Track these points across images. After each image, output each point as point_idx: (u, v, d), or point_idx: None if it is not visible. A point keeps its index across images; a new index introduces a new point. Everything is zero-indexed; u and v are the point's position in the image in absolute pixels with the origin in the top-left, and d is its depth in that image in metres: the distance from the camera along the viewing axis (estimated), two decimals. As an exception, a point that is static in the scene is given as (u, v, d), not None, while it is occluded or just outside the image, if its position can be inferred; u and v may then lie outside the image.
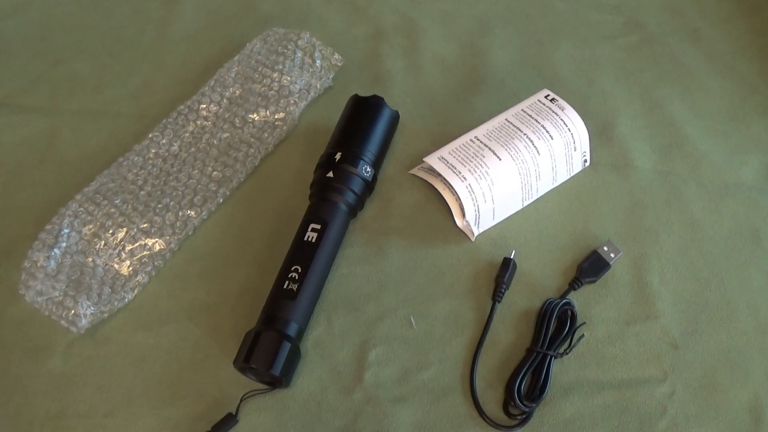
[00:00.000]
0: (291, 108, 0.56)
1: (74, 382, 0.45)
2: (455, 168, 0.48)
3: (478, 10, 0.64)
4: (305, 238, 0.46)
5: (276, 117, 0.55)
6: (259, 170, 0.54)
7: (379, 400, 0.44)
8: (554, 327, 0.45)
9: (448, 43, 0.62)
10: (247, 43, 0.59)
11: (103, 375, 0.45)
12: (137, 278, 0.48)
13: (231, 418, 0.42)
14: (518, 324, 0.46)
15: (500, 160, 0.48)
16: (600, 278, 0.47)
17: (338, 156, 0.49)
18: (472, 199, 0.48)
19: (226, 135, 0.54)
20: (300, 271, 0.45)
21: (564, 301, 0.46)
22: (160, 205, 0.51)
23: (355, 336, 0.46)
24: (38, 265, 0.48)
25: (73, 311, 0.46)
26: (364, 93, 0.54)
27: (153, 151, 0.54)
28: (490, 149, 0.49)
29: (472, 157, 0.49)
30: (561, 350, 0.45)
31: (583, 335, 0.45)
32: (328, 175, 0.48)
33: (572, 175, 0.52)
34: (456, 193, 0.48)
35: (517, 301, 0.47)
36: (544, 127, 0.50)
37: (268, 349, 0.42)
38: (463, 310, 0.47)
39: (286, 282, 0.44)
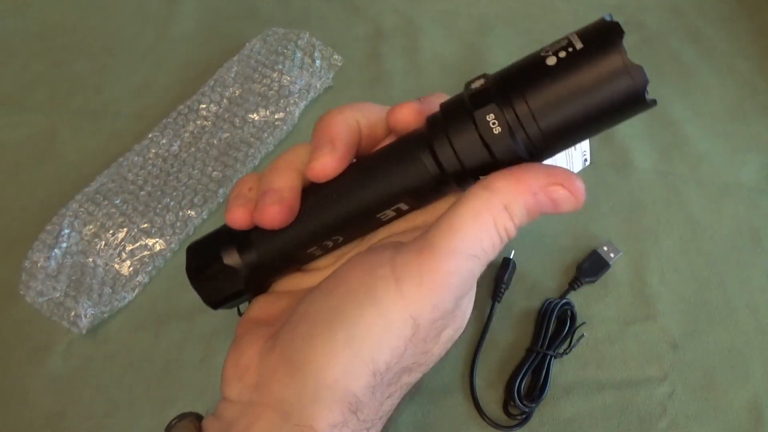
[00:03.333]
0: (291, 108, 0.56)
1: (74, 382, 0.45)
2: (455, 168, 0.48)
3: (478, 10, 0.64)
4: (378, 215, 0.30)
5: (276, 117, 0.55)
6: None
7: (379, 400, 0.44)
8: (554, 327, 0.45)
9: (448, 43, 0.62)
10: (247, 43, 0.59)
11: (103, 375, 0.45)
12: (137, 278, 0.48)
13: None
14: (518, 324, 0.46)
15: (500, 160, 0.48)
16: (600, 278, 0.48)
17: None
18: (472, 199, 0.48)
19: (226, 135, 0.54)
20: (340, 244, 0.32)
21: (564, 301, 0.46)
22: (160, 205, 0.51)
23: (355, 336, 0.46)
24: (38, 265, 0.48)
25: (73, 312, 0.46)
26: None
27: (153, 151, 0.54)
28: (490, 149, 0.49)
29: (472, 157, 0.49)
30: (561, 350, 0.45)
31: (582, 335, 0.45)
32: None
33: (572, 175, 0.52)
34: (456, 193, 0.48)
35: (517, 301, 0.47)
36: (544, 127, 0.50)
37: None
38: (463, 310, 0.47)
39: (315, 247, 0.31)
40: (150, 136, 0.54)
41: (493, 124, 0.27)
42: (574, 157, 0.51)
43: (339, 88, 0.58)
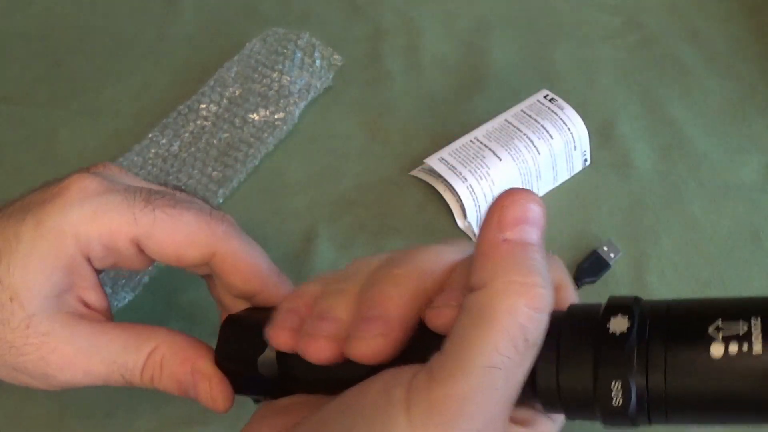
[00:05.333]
0: (291, 108, 0.56)
1: (74, 382, 0.45)
2: (456, 169, 0.48)
3: (478, 10, 0.64)
4: None
5: (276, 117, 0.55)
6: (259, 170, 0.54)
7: (379, 400, 0.44)
8: (554, 327, 0.45)
9: (448, 43, 0.62)
10: (247, 43, 0.59)
11: (103, 375, 0.45)
12: (137, 278, 0.48)
13: None
14: (518, 324, 0.46)
15: (501, 160, 0.48)
16: (600, 278, 0.47)
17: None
18: (474, 199, 0.48)
19: (226, 135, 0.54)
20: None
21: (564, 301, 0.46)
22: (160, 205, 0.51)
23: (355, 336, 0.46)
24: (38, 265, 0.48)
25: (73, 311, 0.46)
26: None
27: (153, 151, 0.54)
28: (490, 150, 0.49)
29: (473, 158, 0.49)
30: (561, 350, 0.45)
31: (583, 335, 0.45)
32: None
33: (573, 174, 0.52)
34: (457, 194, 0.48)
35: (517, 301, 0.47)
36: (543, 127, 0.50)
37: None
38: (463, 310, 0.47)
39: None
40: (150, 136, 0.54)
41: (616, 392, 0.21)
42: (574, 157, 0.51)
43: (339, 88, 0.58)
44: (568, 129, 0.50)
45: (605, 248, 0.48)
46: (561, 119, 0.50)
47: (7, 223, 0.31)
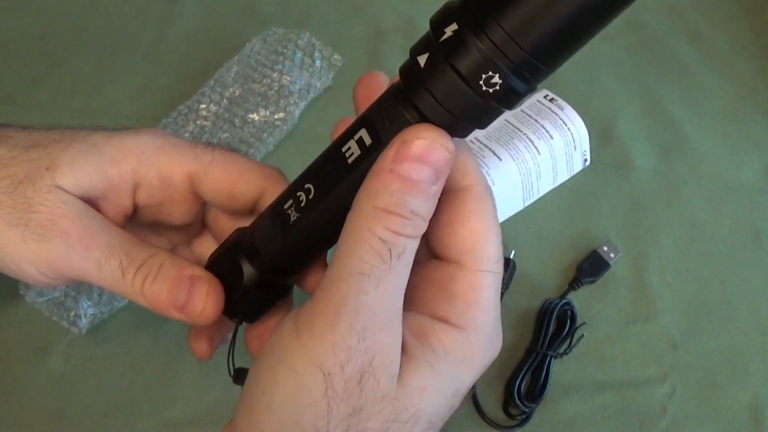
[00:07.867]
0: (291, 108, 0.56)
1: (74, 382, 0.45)
2: (455, 168, 0.48)
3: (478, 10, 0.64)
4: (343, 149, 0.28)
5: (276, 117, 0.55)
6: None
7: (379, 400, 0.44)
8: (554, 327, 0.45)
9: (448, 43, 0.61)
10: (247, 43, 0.59)
11: (103, 375, 0.45)
12: (137, 278, 0.48)
13: None
14: (518, 324, 0.46)
15: (501, 160, 0.48)
16: (600, 278, 0.48)
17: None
18: (472, 199, 0.48)
19: (225, 135, 0.54)
20: (313, 194, 0.29)
21: (564, 301, 0.46)
22: (160, 205, 0.51)
23: (355, 336, 0.46)
24: (38, 265, 0.48)
25: (73, 312, 0.46)
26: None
27: (153, 151, 0.54)
28: (490, 150, 0.49)
29: (472, 157, 0.49)
30: (561, 350, 0.45)
31: (582, 335, 0.45)
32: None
33: (572, 174, 0.52)
34: (456, 193, 0.48)
35: (517, 301, 0.47)
36: (543, 127, 0.50)
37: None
38: (463, 310, 0.47)
39: (290, 201, 0.30)
40: (150, 136, 0.54)
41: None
42: (574, 157, 0.51)
43: (339, 88, 0.58)
44: (568, 129, 0.50)
45: (605, 248, 0.48)
46: (561, 119, 0.50)
47: (71, 130, 0.33)
